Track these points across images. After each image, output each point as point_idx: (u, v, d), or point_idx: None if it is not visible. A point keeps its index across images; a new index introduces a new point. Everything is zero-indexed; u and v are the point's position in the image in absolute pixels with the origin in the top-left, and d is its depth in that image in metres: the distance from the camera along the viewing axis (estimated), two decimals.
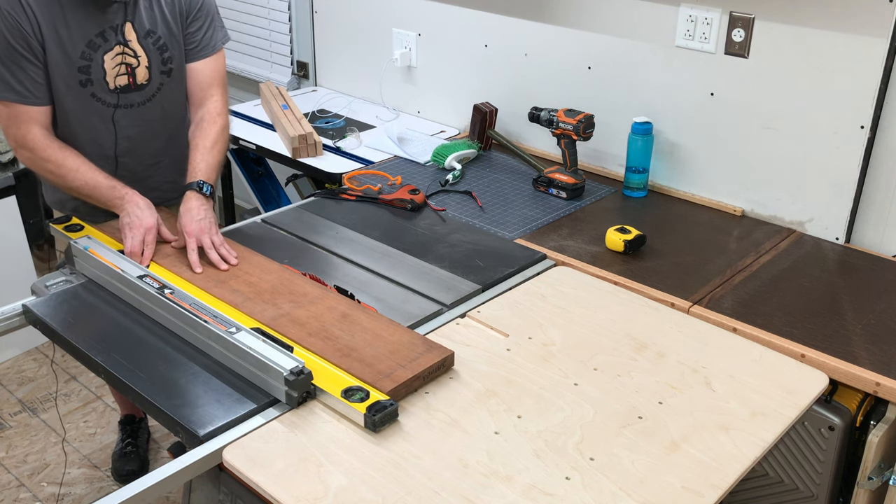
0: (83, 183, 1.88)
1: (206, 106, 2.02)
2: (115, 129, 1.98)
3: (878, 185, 2.06)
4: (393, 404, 1.38)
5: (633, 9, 2.32)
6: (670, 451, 1.34)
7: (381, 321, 1.61)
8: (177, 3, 1.96)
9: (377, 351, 1.51)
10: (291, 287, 1.72)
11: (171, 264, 1.80)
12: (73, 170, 1.87)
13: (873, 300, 1.86)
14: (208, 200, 1.89)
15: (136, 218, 1.83)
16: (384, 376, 1.44)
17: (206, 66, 2.04)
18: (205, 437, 1.35)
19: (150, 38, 1.93)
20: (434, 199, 2.31)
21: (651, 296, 1.84)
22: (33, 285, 1.81)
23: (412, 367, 1.47)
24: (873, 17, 1.93)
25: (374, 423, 1.35)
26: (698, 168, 2.33)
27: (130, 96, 1.96)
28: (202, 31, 2.02)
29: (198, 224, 1.83)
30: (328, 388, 1.42)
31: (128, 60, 1.92)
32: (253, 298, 1.68)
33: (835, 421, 1.66)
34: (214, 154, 1.96)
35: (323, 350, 1.52)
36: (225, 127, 2.02)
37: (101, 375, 1.55)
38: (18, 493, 2.54)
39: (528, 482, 1.27)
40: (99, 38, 1.87)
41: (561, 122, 2.32)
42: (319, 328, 1.58)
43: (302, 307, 1.65)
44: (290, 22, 3.33)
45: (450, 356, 1.52)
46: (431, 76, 2.91)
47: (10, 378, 3.05)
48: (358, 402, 1.38)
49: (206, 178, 1.91)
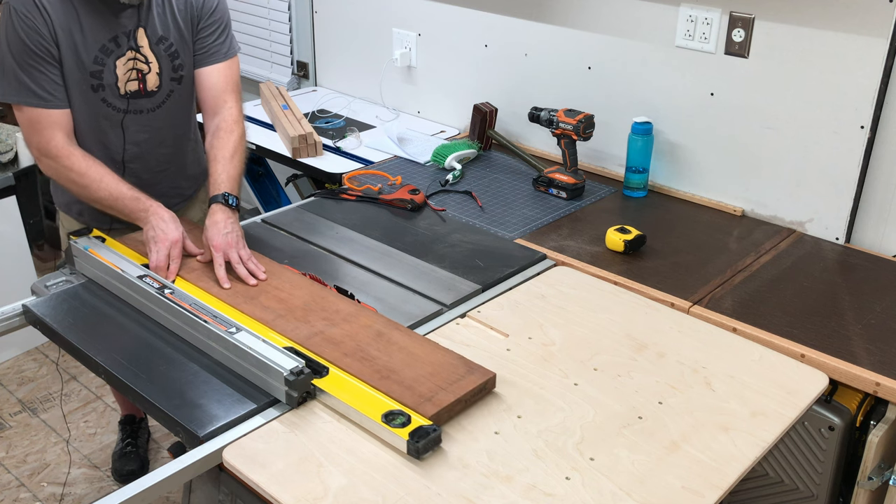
0: (107, 194, 1.83)
1: (222, 114, 1.97)
2: (124, 134, 1.96)
3: (878, 185, 2.06)
4: (436, 430, 1.32)
5: (633, 9, 2.32)
6: (670, 451, 1.34)
7: (417, 340, 1.56)
8: (189, 8, 1.94)
9: (416, 372, 1.45)
10: (323, 304, 1.66)
11: (198, 279, 1.75)
12: (96, 180, 1.83)
13: (873, 300, 1.86)
14: (234, 213, 1.83)
15: (161, 231, 1.78)
16: (425, 400, 1.38)
17: (218, 71, 2.00)
18: (205, 438, 1.35)
19: (161, 45, 1.91)
20: (434, 199, 2.31)
21: (651, 296, 1.84)
22: (33, 285, 1.81)
23: (454, 391, 1.41)
24: (873, 17, 1.93)
25: (417, 450, 1.29)
26: (698, 168, 2.33)
27: (140, 102, 1.94)
28: (214, 35, 1.98)
29: (225, 238, 1.77)
30: (367, 411, 1.37)
31: (139, 66, 1.90)
32: (285, 316, 1.62)
33: (835, 421, 1.66)
34: (235, 164, 1.91)
35: (361, 371, 1.46)
36: (242, 136, 1.97)
37: (101, 375, 1.55)
38: (18, 493, 2.54)
39: (528, 482, 1.27)
40: (112, 43, 1.85)
41: (561, 122, 2.32)
42: (355, 348, 1.53)
43: (336, 325, 1.59)
44: (290, 22, 3.33)
45: (491, 378, 1.46)
46: (431, 76, 2.91)
47: (10, 378, 3.05)
48: (399, 427, 1.32)
49: (229, 189, 1.85)
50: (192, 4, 1.94)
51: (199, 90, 2.02)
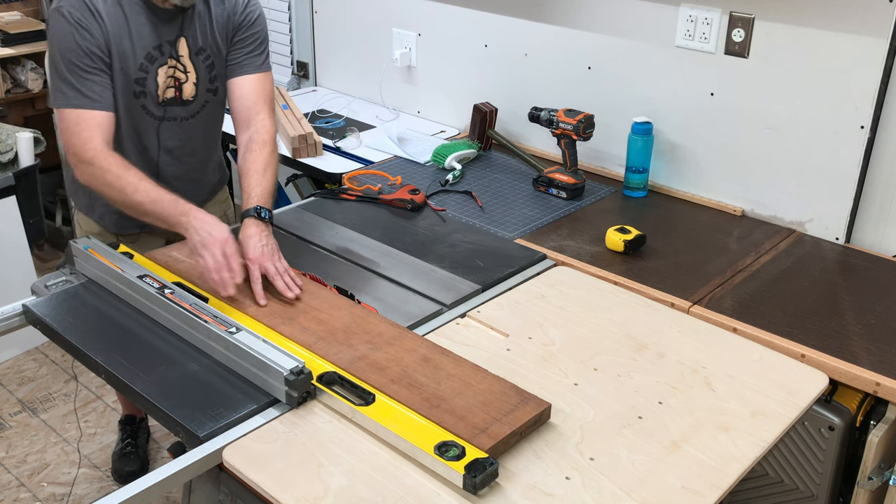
0: (145, 197, 1.77)
1: (255, 126, 1.95)
2: (159, 142, 1.97)
3: (878, 185, 2.06)
4: (493, 463, 1.25)
5: (633, 9, 2.32)
6: (670, 451, 1.34)
7: (466, 366, 1.50)
8: (229, 20, 1.94)
9: (468, 402, 1.39)
10: (365, 326, 1.61)
11: (233, 298, 1.69)
12: (133, 183, 1.78)
13: (873, 300, 1.86)
14: (268, 226, 1.79)
15: (208, 234, 1.71)
16: (480, 431, 1.32)
17: (252, 83, 1.98)
18: (205, 437, 1.35)
19: (200, 56, 1.93)
20: (434, 199, 2.31)
21: (651, 296, 1.84)
22: (33, 285, 1.80)
23: (509, 422, 1.34)
24: (873, 17, 1.93)
25: (474, 485, 1.22)
26: (698, 168, 2.33)
27: (175, 110, 1.95)
28: (251, 47, 1.98)
29: (260, 250, 1.73)
30: (418, 442, 1.30)
31: (177, 75, 1.91)
32: (326, 338, 1.57)
33: (835, 421, 1.66)
34: (268, 178, 1.88)
35: (409, 399, 1.40)
36: (274, 151, 1.94)
37: (101, 375, 1.55)
38: (18, 493, 2.54)
39: (528, 482, 1.27)
40: (156, 51, 1.87)
41: (561, 122, 2.32)
42: (401, 374, 1.47)
43: (379, 349, 1.54)
44: (290, 22, 3.33)
45: (546, 409, 1.39)
46: (431, 76, 2.91)
47: (10, 378, 3.05)
48: (453, 459, 1.26)
49: (262, 203, 1.82)
50: (232, 16, 1.95)
51: (231, 101, 2.00)
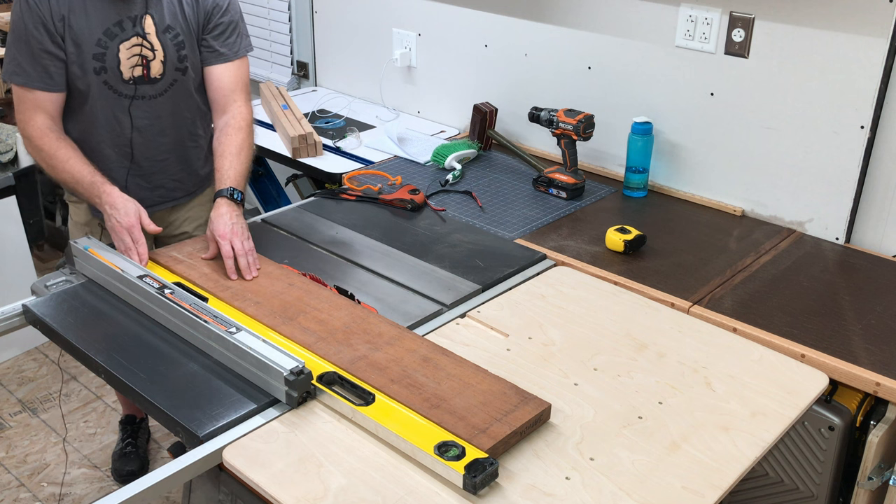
0: (69, 176, 1.88)
1: (231, 112, 2.01)
2: (132, 121, 1.99)
3: (878, 185, 2.06)
4: (493, 463, 1.25)
5: (633, 9, 2.32)
6: (670, 451, 1.34)
7: (466, 366, 1.50)
8: (200, 4, 1.96)
9: (468, 402, 1.40)
10: (365, 326, 1.61)
11: (233, 298, 1.70)
12: (62, 160, 1.87)
13: (873, 300, 1.86)
14: (239, 207, 1.87)
15: (116, 221, 1.81)
16: (480, 431, 1.33)
17: (228, 71, 2.03)
18: (205, 437, 1.35)
19: (168, 34, 1.94)
20: (434, 199, 2.31)
21: (651, 296, 1.84)
22: (33, 285, 1.81)
23: (509, 422, 1.35)
24: (873, 17, 1.93)
25: (474, 485, 1.23)
26: (698, 168, 2.33)
27: (144, 88, 1.97)
28: (224, 35, 2.01)
29: (230, 227, 1.80)
30: (418, 442, 1.31)
31: (144, 52, 1.92)
32: (326, 338, 1.58)
33: (835, 421, 1.66)
34: (242, 160, 1.94)
35: (409, 399, 1.41)
36: (250, 134, 2.00)
37: (101, 375, 1.55)
38: (18, 493, 2.54)
39: (528, 482, 1.27)
40: (116, 27, 1.88)
41: (561, 122, 2.32)
42: (402, 374, 1.47)
43: (379, 349, 1.54)
44: (290, 22, 3.33)
45: (546, 409, 1.40)
46: (431, 76, 2.91)
47: (10, 378, 3.05)
48: (453, 459, 1.27)
49: (235, 184, 1.88)
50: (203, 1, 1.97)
51: (208, 89, 2.05)
